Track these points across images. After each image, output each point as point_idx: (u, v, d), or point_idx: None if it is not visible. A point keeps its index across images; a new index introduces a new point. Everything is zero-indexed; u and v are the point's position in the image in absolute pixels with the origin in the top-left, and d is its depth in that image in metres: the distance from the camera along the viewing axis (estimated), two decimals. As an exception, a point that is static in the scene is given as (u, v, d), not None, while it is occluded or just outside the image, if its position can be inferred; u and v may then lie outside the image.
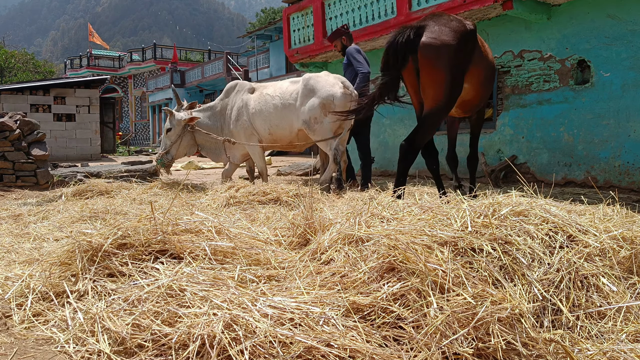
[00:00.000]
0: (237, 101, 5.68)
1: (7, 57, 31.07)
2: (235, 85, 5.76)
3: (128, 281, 1.90)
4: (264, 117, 5.54)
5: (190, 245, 2.14)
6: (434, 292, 1.56)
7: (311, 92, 5.37)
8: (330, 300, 1.64)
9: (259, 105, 5.58)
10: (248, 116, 5.57)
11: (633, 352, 1.46)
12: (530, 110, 6.51)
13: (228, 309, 1.55)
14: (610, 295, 1.78)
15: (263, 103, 5.57)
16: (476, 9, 6.18)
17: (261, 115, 5.55)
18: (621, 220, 2.36)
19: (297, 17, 9.10)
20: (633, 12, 5.46)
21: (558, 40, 6.14)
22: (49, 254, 2.36)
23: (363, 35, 7.78)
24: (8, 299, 1.94)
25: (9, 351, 1.60)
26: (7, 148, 5.93)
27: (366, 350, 1.39)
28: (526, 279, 1.69)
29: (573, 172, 6.06)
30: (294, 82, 5.71)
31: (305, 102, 5.38)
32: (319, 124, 5.26)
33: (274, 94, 5.60)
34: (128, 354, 1.50)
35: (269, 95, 5.58)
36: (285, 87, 5.65)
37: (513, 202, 2.12)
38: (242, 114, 5.59)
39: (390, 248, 1.77)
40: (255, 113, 5.58)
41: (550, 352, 1.42)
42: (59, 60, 72.06)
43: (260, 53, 24.25)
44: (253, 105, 5.60)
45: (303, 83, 5.47)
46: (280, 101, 5.53)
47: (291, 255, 2.23)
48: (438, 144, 7.75)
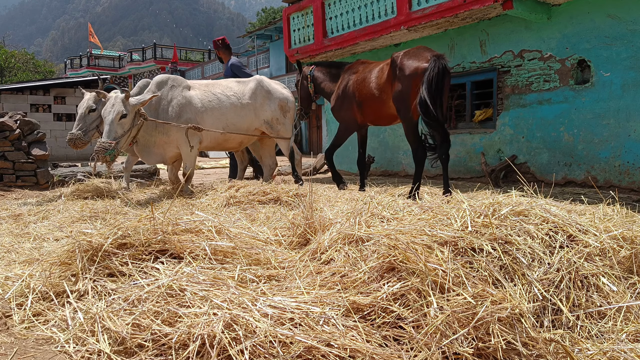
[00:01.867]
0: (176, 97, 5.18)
1: (7, 57, 31.07)
2: (168, 79, 5.27)
3: (128, 281, 1.90)
4: (219, 115, 5.36)
5: (190, 245, 2.14)
6: (434, 292, 1.56)
7: (268, 94, 5.68)
8: (330, 300, 1.64)
9: (210, 104, 5.35)
10: (194, 113, 5.20)
11: (633, 352, 1.46)
12: (530, 110, 6.51)
13: (228, 308, 1.55)
14: (610, 295, 1.78)
15: (216, 101, 5.38)
16: (476, 9, 6.18)
17: (215, 114, 5.34)
18: (621, 220, 2.36)
19: (297, 17, 9.10)
20: (633, 12, 5.46)
21: (558, 40, 6.14)
22: (49, 254, 2.36)
23: (363, 35, 7.79)
24: (8, 298, 1.94)
25: (9, 351, 1.60)
26: (7, 148, 5.93)
27: (366, 350, 1.39)
28: (526, 279, 1.69)
29: (573, 172, 6.06)
30: (242, 82, 5.70)
31: (265, 102, 5.65)
32: (281, 124, 5.73)
33: (228, 93, 5.48)
34: (128, 353, 1.50)
35: (223, 94, 5.44)
36: (236, 86, 5.60)
37: (513, 202, 2.12)
38: (185, 111, 5.16)
39: (390, 248, 1.77)
40: (206, 111, 5.31)
41: (550, 352, 1.42)
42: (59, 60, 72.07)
43: (260, 53, 24.25)
44: (201, 103, 5.29)
45: (257, 84, 5.64)
46: (237, 100, 5.48)
47: (291, 255, 2.23)
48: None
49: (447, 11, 6.48)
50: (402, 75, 4.66)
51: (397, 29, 7.23)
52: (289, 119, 5.81)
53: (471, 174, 7.24)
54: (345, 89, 5.60)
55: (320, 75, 6.03)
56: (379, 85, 5.06)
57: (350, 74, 5.63)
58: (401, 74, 4.67)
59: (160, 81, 5.21)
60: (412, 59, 4.65)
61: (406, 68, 4.63)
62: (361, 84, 5.33)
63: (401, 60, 4.70)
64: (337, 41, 8.26)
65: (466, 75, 7.43)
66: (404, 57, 4.71)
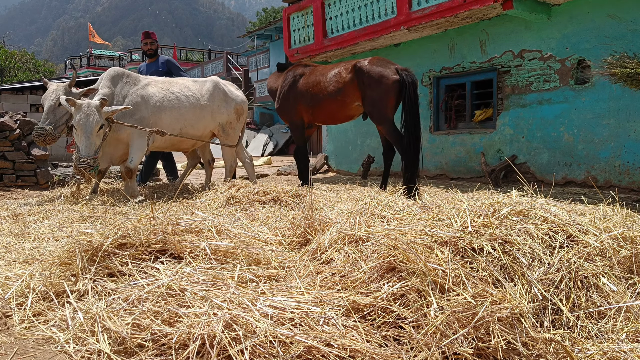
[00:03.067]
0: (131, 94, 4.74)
1: (7, 57, 31.05)
2: (123, 74, 4.82)
3: (128, 281, 1.90)
4: (177, 115, 5.00)
5: (190, 245, 2.15)
6: (434, 292, 1.56)
7: (225, 96, 5.48)
8: (330, 300, 1.64)
9: (169, 103, 4.96)
10: (149, 112, 4.78)
11: (633, 352, 1.46)
12: (530, 110, 6.51)
13: (228, 308, 1.55)
14: (610, 295, 1.78)
15: (176, 101, 5.01)
16: (476, 9, 6.18)
17: (174, 113, 4.98)
18: (621, 220, 2.36)
19: (297, 16, 9.09)
20: (633, 12, 5.46)
21: (558, 40, 6.14)
22: (49, 254, 2.36)
23: (363, 35, 7.79)
24: (8, 298, 1.94)
25: (9, 351, 1.60)
26: (7, 148, 5.93)
27: (366, 350, 1.39)
28: (526, 279, 1.69)
29: (573, 172, 6.06)
30: (197, 82, 5.42)
31: (222, 105, 5.41)
32: (233, 129, 5.51)
33: (187, 93, 5.15)
34: (128, 353, 1.50)
35: (182, 94, 5.09)
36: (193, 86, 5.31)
37: (513, 202, 2.12)
38: (139, 109, 4.72)
39: (391, 248, 1.77)
40: (165, 110, 4.91)
41: (550, 352, 1.42)
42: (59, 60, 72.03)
43: (260, 53, 24.24)
44: (159, 101, 4.89)
45: (214, 85, 5.39)
46: (196, 101, 5.18)
47: (291, 255, 2.23)
48: (438, 144, 7.76)
49: (447, 11, 6.48)
50: (373, 83, 5.19)
51: (397, 29, 7.23)
52: (241, 124, 5.65)
53: (471, 174, 7.24)
54: (291, 89, 5.92)
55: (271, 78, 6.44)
56: (339, 89, 5.47)
57: (294, 75, 5.95)
58: (371, 81, 5.19)
59: (113, 75, 4.74)
60: (381, 68, 5.22)
61: (377, 75, 5.17)
62: (315, 86, 5.66)
63: (370, 69, 5.23)
64: (337, 41, 8.26)
65: (466, 75, 7.43)
66: (372, 65, 5.25)
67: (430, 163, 7.86)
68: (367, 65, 5.27)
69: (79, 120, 4.17)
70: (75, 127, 4.20)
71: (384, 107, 5.19)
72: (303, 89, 5.77)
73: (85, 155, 4.18)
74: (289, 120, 6.03)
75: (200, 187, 5.44)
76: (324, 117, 5.82)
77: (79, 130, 4.20)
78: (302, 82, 5.83)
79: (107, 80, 4.66)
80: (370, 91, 5.23)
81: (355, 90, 5.37)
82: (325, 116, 5.78)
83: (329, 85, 5.55)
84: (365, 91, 5.27)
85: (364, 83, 5.25)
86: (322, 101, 5.63)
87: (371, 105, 5.29)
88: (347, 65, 5.52)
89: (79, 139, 4.24)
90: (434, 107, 7.83)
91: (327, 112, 5.70)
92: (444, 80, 7.80)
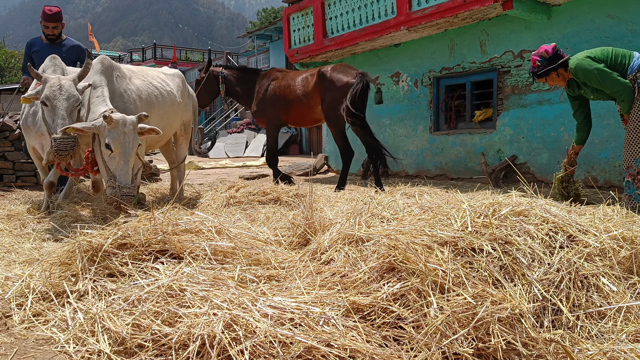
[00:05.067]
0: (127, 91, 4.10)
1: (7, 57, 31.05)
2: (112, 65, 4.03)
3: (128, 281, 1.90)
4: (162, 112, 4.44)
5: (190, 245, 2.14)
6: (434, 292, 1.56)
7: (190, 93, 5.20)
8: (330, 300, 1.64)
9: (156, 99, 4.38)
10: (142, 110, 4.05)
11: (633, 352, 1.46)
12: (530, 110, 6.51)
13: (228, 309, 1.55)
14: (610, 295, 1.78)
15: (160, 96, 4.44)
16: (476, 9, 6.18)
17: (159, 111, 4.39)
18: (621, 220, 2.36)
19: (297, 17, 9.09)
20: (633, 12, 5.45)
21: (558, 40, 6.14)
22: (49, 254, 2.36)
23: (363, 35, 7.78)
24: (8, 299, 1.94)
25: (9, 351, 1.60)
26: (7, 148, 5.93)
27: (366, 350, 1.39)
28: (526, 279, 1.69)
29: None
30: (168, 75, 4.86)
31: (189, 102, 5.11)
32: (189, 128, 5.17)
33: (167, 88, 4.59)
34: (128, 354, 1.50)
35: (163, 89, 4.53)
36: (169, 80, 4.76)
37: (513, 202, 2.12)
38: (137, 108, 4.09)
39: (391, 248, 1.77)
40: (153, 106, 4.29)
41: (550, 352, 1.42)
42: (59, 60, 71.80)
43: (260, 53, 24.25)
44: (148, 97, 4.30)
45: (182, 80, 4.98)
46: (174, 97, 4.68)
47: (291, 255, 2.23)
48: (437, 144, 7.76)
49: (447, 11, 6.48)
50: (332, 87, 5.56)
51: (397, 29, 7.23)
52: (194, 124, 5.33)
53: (471, 174, 7.24)
54: (267, 93, 6.19)
55: (233, 79, 6.46)
56: (305, 93, 5.80)
57: (269, 80, 6.24)
58: (332, 85, 5.57)
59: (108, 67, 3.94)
60: (340, 74, 5.60)
61: (337, 81, 5.55)
62: (287, 89, 6.01)
63: (331, 74, 5.61)
64: (337, 41, 8.26)
65: (466, 76, 7.43)
66: (333, 71, 5.63)
67: (430, 163, 7.86)
68: (329, 71, 5.66)
69: (116, 140, 3.37)
70: (112, 147, 3.37)
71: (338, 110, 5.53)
72: (277, 92, 6.08)
73: (125, 183, 3.39)
74: (267, 121, 6.25)
75: (199, 188, 5.44)
76: (295, 119, 6.20)
77: (116, 151, 3.39)
78: (275, 85, 6.14)
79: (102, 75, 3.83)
80: (329, 95, 5.60)
81: (318, 95, 5.74)
82: (296, 118, 6.16)
83: (297, 89, 5.93)
84: (325, 95, 5.65)
85: (325, 88, 5.64)
86: (292, 104, 5.99)
87: (328, 109, 5.65)
88: (313, 71, 5.91)
89: (114, 162, 3.42)
90: (434, 107, 7.83)
91: (297, 115, 6.08)
92: (444, 81, 7.79)
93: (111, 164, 3.43)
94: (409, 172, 8.18)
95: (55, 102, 3.39)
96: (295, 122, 6.34)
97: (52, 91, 3.40)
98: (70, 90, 3.45)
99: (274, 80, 6.21)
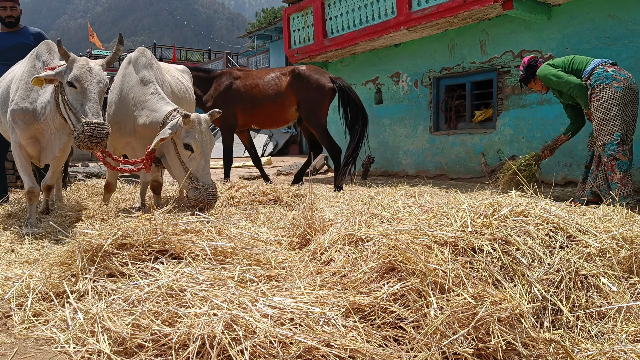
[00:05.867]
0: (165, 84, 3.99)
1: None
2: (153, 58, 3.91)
3: (128, 281, 1.90)
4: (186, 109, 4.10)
5: (190, 245, 2.15)
6: (434, 292, 1.56)
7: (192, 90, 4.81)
8: (330, 300, 1.64)
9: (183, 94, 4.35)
10: None
11: (633, 352, 1.46)
12: (530, 110, 6.51)
13: (228, 309, 1.55)
14: (610, 295, 1.78)
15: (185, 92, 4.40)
16: (476, 9, 6.18)
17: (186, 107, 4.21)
18: (621, 220, 2.36)
19: (297, 17, 9.10)
20: (633, 12, 5.45)
21: (558, 40, 6.14)
22: (49, 254, 2.36)
23: (363, 35, 7.78)
24: (8, 299, 1.94)
25: (9, 351, 1.60)
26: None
27: (366, 350, 1.39)
28: (526, 279, 1.69)
29: (573, 172, 6.06)
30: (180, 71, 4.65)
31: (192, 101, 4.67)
32: None
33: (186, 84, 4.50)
34: (128, 354, 1.50)
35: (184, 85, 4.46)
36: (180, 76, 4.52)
37: (513, 202, 2.12)
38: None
39: (390, 248, 1.77)
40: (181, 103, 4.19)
41: (550, 352, 1.42)
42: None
43: (260, 53, 24.26)
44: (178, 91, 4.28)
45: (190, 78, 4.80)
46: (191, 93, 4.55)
47: (291, 255, 2.23)
48: (437, 144, 7.76)
49: (447, 11, 6.48)
50: (311, 88, 5.60)
51: (397, 29, 7.23)
52: None
53: (471, 174, 7.24)
54: (227, 93, 6.04)
55: None
56: (278, 92, 5.77)
57: (229, 79, 6.07)
58: (310, 86, 5.61)
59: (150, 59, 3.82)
60: (318, 75, 5.67)
61: (314, 82, 5.60)
62: (254, 89, 5.90)
63: (309, 75, 5.66)
64: (337, 41, 8.26)
65: (466, 76, 7.43)
66: (310, 72, 5.70)
67: (430, 163, 7.86)
68: (305, 71, 5.69)
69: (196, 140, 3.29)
70: (193, 147, 3.29)
71: (321, 113, 5.68)
72: (242, 91, 5.94)
73: (208, 183, 3.31)
74: (223, 122, 6.03)
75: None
76: (262, 120, 6.13)
77: (197, 151, 3.31)
78: (239, 85, 6.00)
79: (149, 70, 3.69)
80: (308, 96, 5.63)
81: (293, 96, 5.73)
82: (264, 118, 6.09)
83: (268, 88, 5.83)
84: (303, 97, 5.65)
85: (303, 88, 5.64)
86: (261, 104, 5.89)
87: (308, 111, 5.70)
88: (284, 70, 5.88)
89: (194, 163, 3.32)
90: (433, 107, 7.84)
91: (266, 115, 6.02)
92: (444, 81, 7.80)
93: (191, 165, 3.31)
94: (409, 172, 8.18)
95: (85, 84, 3.05)
96: (261, 123, 6.24)
97: (82, 72, 3.07)
98: (100, 74, 3.15)
99: (236, 79, 6.06)
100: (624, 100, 3.85)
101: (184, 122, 3.28)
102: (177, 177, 3.47)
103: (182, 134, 3.30)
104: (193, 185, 3.30)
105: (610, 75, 3.91)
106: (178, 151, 3.34)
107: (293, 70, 5.77)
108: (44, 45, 3.60)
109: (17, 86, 3.48)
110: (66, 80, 3.08)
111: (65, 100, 3.13)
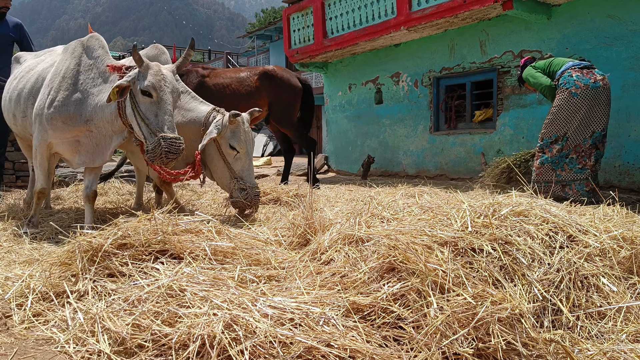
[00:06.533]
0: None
1: (7, 57, 31.02)
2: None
3: (128, 281, 1.90)
4: None
5: (190, 246, 2.14)
6: (434, 292, 1.56)
7: None
8: (330, 300, 1.64)
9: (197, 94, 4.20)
10: None
11: (633, 352, 1.46)
12: (530, 110, 6.51)
13: (228, 309, 1.55)
14: (610, 295, 1.78)
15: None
16: (476, 9, 6.18)
17: None
18: (621, 220, 2.36)
19: (297, 17, 9.10)
20: (633, 12, 5.45)
21: (558, 40, 6.14)
22: (49, 254, 2.36)
23: (363, 35, 7.78)
24: (8, 299, 1.94)
25: (9, 351, 1.60)
26: (7, 148, 5.93)
27: (366, 350, 1.39)
28: (526, 279, 1.69)
29: (573, 172, 6.05)
30: None
31: None
32: None
33: None
34: (128, 354, 1.50)
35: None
36: None
37: (513, 202, 2.12)
38: None
39: (391, 248, 1.77)
40: None
41: (550, 352, 1.42)
42: (59, 60, 71.68)
43: (260, 53, 24.27)
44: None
45: None
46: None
47: (291, 256, 2.23)
48: (437, 144, 7.76)
49: (447, 11, 6.48)
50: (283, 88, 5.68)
51: (397, 29, 7.23)
52: None
53: (471, 174, 7.24)
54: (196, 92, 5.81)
55: None
56: (249, 92, 5.79)
57: (195, 77, 5.88)
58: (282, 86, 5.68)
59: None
60: (288, 75, 5.76)
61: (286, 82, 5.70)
62: (225, 88, 5.82)
63: (281, 75, 5.74)
64: (337, 41, 8.26)
65: (466, 76, 7.43)
66: (282, 72, 5.79)
67: (430, 163, 7.86)
68: (277, 71, 5.77)
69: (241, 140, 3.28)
70: (238, 147, 3.28)
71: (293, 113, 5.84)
72: (213, 90, 5.73)
73: (253, 183, 3.31)
74: None
75: (198, 188, 5.44)
76: None
77: (242, 151, 3.31)
78: (209, 84, 5.79)
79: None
80: (280, 96, 5.71)
81: (264, 95, 5.75)
82: None
83: (238, 87, 5.79)
84: (276, 96, 5.71)
85: (275, 88, 5.69)
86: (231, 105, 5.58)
87: (281, 111, 5.79)
88: (254, 70, 5.89)
89: (239, 163, 3.32)
90: (433, 107, 7.84)
91: None
92: (444, 81, 7.80)
93: (236, 166, 3.29)
94: (409, 172, 8.18)
95: (162, 95, 2.84)
96: None
97: (157, 80, 2.85)
98: (173, 83, 2.94)
99: (203, 77, 5.86)
100: (577, 106, 4.13)
101: (230, 122, 3.21)
102: (220, 177, 3.39)
103: (227, 134, 3.23)
104: (239, 185, 3.28)
105: (572, 80, 4.16)
106: (223, 152, 3.27)
107: (263, 69, 5.80)
108: (94, 40, 3.28)
109: (58, 84, 3.15)
110: (139, 88, 2.85)
111: (136, 109, 2.88)
